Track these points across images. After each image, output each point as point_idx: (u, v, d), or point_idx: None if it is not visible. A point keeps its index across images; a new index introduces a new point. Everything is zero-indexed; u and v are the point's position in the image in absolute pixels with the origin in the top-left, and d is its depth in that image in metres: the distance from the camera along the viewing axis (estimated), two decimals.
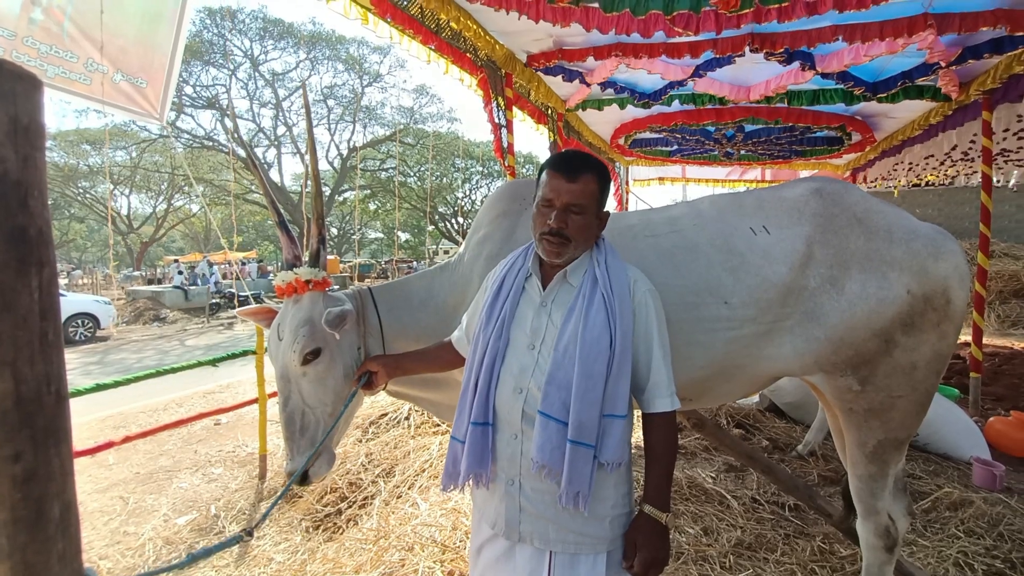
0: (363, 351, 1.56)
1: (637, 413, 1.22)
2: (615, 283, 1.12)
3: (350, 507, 2.85)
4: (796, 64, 3.97)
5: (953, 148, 5.10)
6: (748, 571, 2.13)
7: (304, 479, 1.41)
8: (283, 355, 1.43)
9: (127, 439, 2.87)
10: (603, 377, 1.06)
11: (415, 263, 27.51)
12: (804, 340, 1.47)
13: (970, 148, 5.03)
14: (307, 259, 1.55)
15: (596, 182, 1.16)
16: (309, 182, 1.62)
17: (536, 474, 1.07)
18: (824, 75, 4.08)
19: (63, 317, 10.50)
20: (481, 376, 1.14)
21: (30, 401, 0.58)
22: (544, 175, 1.18)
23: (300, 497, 3.05)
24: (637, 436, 1.33)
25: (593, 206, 1.16)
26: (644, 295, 1.14)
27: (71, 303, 11.11)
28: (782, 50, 3.58)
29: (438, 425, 3.73)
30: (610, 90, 4.87)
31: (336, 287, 1.66)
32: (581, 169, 1.15)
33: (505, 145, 4.15)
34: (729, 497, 2.69)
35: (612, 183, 7.98)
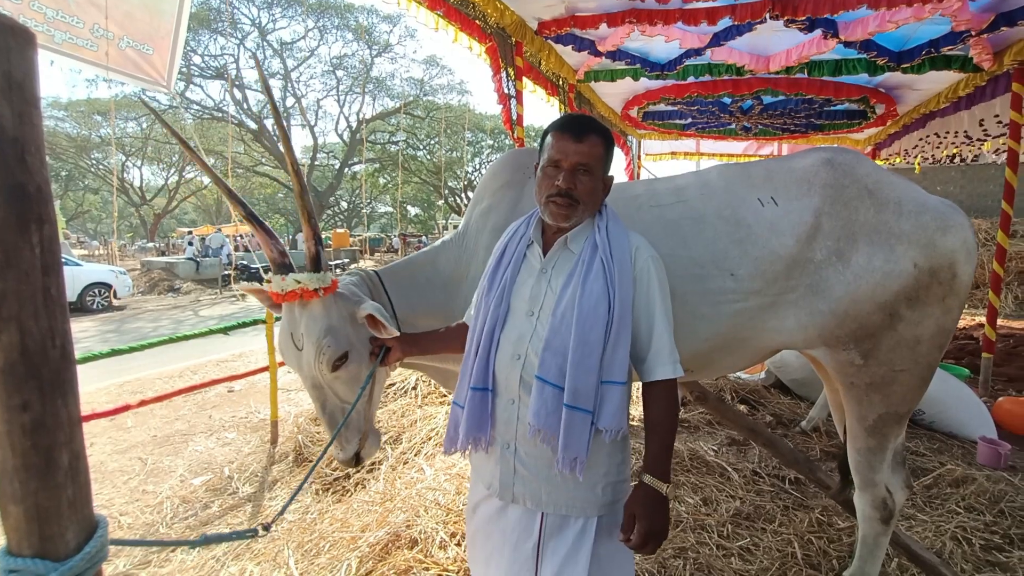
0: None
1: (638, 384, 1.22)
2: (615, 249, 1.12)
3: (358, 472, 2.94)
4: (818, 32, 3.81)
5: (981, 122, 4.90)
6: (745, 540, 2.18)
7: (357, 460, 1.45)
8: (307, 366, 1.35)
9: (143, 403, 2.97)
10: (600, 344, 1.06)
11: (424, 237, 27.46)
12: (808, 313, 1.46)
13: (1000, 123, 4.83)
14: (308, 264, 1.38)
15: (602, 144, 1.16)
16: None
17: (532, 439, 1.08)
18: (847, 44, 3.91)
19: (80, 287, 10.81)
20: (482, 342, 1.15)
21: (36, 354, 0.59)
22: (550, 138, 1.18)
23: (310, 462, 3.14)
24: (638, 409, 1.34)
25: (599, 168, 1.16)
26: (646, 262, 1.13)
27: (88, 272, 11.32)
28: (804, 17, 3.43)
29: (444, 395, 3.79)
30: (621, 62, 4.72)
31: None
32: (587, 130, 1.15)
33: (515, 117, 4.07)
34: (730, 470, 2.73)
35: (617, 150, 7.83)
